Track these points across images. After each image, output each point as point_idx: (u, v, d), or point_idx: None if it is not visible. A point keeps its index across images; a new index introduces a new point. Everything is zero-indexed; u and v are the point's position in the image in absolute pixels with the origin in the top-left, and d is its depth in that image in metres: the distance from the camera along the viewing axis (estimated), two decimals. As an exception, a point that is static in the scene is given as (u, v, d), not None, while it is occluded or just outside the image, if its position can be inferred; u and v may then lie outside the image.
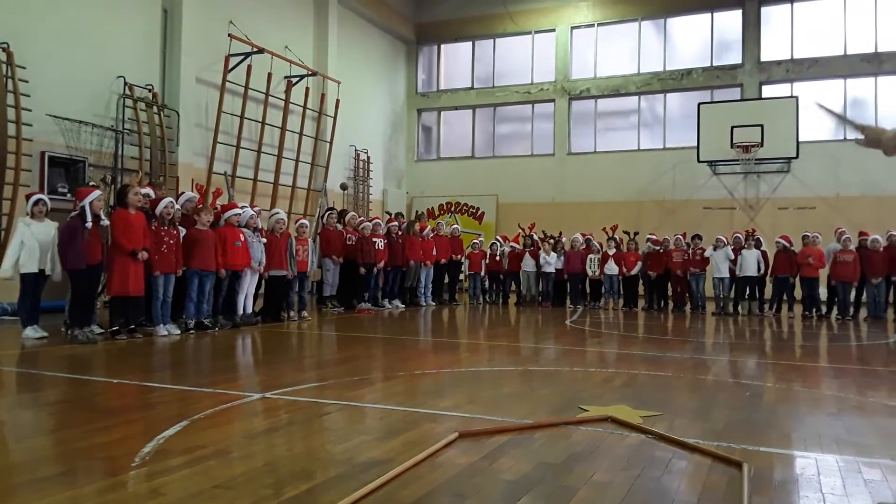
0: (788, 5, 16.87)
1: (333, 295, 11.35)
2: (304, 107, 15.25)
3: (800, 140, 15.30)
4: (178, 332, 7.71)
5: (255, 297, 9.12)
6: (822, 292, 11.87)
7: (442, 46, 20.54)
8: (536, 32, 19.17)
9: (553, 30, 18.96)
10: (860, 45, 16.18)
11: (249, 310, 8.87)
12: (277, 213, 9.67)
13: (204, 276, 8.04)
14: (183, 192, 9.14)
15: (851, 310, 11.50)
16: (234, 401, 4.26)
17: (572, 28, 18.81)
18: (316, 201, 15.56)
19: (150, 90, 12.02)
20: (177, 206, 8.12)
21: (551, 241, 13.71)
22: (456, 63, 20.50)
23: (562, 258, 13.43)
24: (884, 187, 14.75)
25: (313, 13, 16.41)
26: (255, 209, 9.40)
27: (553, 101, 18.95)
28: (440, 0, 19.87)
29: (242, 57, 13.41)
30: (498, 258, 13.94)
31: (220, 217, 8.49)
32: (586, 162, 18.44)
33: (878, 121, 15.71)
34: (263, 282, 9.15)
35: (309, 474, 2.84)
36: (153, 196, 8.00)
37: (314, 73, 15.57)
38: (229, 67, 13.15)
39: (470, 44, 20.03)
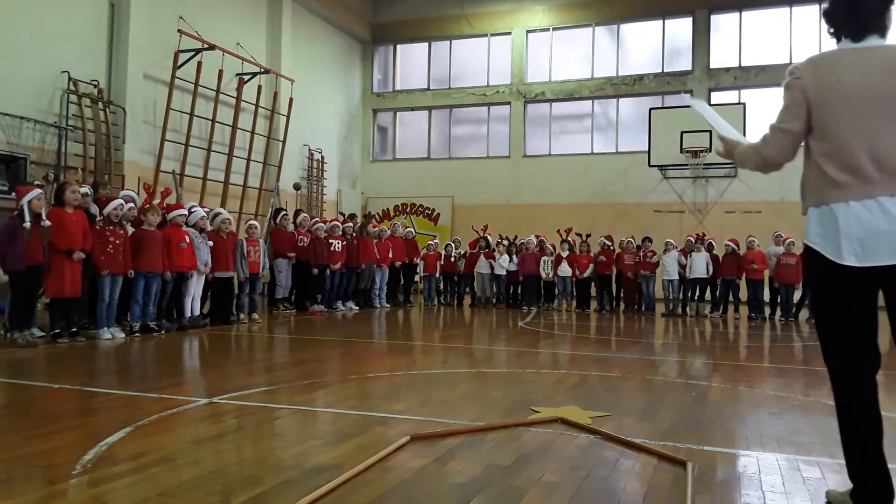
0: (737, 14, 17.36)
1: (286, 297, 11.22)
2: (257, 105, 15.03)
3: (746, 146, 15.73)
4: (123, 335, 7.50)
5: (204, 299, 8.94)
6: (767, 294, 12.24)
7: (398, 47, 20.50)
8: (492, 35, 19.30)
9: (509, 33, 19.11)
10: (805, 53, 16.59)
11: (197, 312, 8.68)
12: (220, 212, 9.47)
13: (150, 278, 7.84)
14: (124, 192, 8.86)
15: (794, 311, 11.89)
16: (180, 406, 4.16)
17: (528, 32, 18.99)
18: (268, 201, 15.34)
19: (95, 86, 11.68)
20: (130, 205, 7.92)
21: (506, 243, 13.81)
22: (412, 64, 20.48)
23: (516, 260, 13.53)
24: (825, 192, 15.26)
25: (266, 10, 16.18)
26: (206, 209, 9.22)
27: (508, 103, 19.10)
28: (396, 0, 19.83)
29: (192, 53, 13.14)
30: (453, 260, 13.97)
31: (165, 217, 8.30)
32: (541, 165, 18.63)
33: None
34: (210, 284, 8.96)
35: (257, 480, 2.79)
36: (91, 195, 7.77)
37: (267, 71, 15.35)
38: (179, 64, 12.87)
39: (426, 45, 20.04)
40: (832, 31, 2.54)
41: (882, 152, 2.32)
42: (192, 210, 8.72)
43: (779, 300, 12.06)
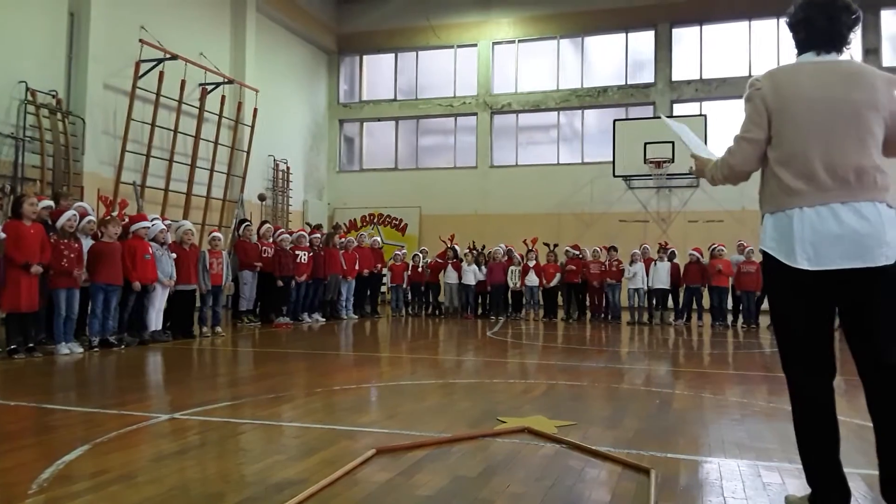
0: (697, 27, 17.74)
1: (250, 309, 11.06)
2: (220, 115, 14.86)
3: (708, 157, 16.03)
4: (81, 350, 7.31)
5: (166, 312, 8.77)
6: (730, 302, 12.47)
7: (364, 57, 20.50)
8: (459, 47, 19.42)
9: (475, 45, 19.26)
10: (764, 66, 17.12)
11: (159, 326, 8.52)
12: (183, 224, 9.33)
13: (110, 291, 7.68)
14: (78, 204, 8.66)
15: (756, 318, 12.13)
16: (140, 422, 4.07)
17: (494, 44, 19.16)
18: (232, 212, 15.15)
19: (54, 96, 11.43)
20: (89, 218, 7.76)
21: (474, 252, 13.85)
22: (379, 74, 20.49)
23: (484, 270, 13.58)
24: (783, 202, 15.62)
25: (230, 20, 16.03)
26: (167, 222, 9.07)
27: (475, 114, 19.22)
28: (362, 11, 19.84)
29: (154, 63, 12.97)
30: (420, 270, 13.96)
31: (128, 229, 8.14)
32: (508, 175, 18.76)
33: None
34: (172, 297, 8.81)
35: (220, 497, 2.74)
36: (54, 207, 7.60)
37: (231, 81, 15.20)
38: (140, 74, 12.69)
39: (393, 55, 20.08)
40: (800, 40, 2.59)
41: (836, 161, 2.39)
42: (153, 223, 8.57)
43: (741, 308, 12.30)
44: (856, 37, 2.60)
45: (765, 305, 12.06)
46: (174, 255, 8.64)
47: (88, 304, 7.62)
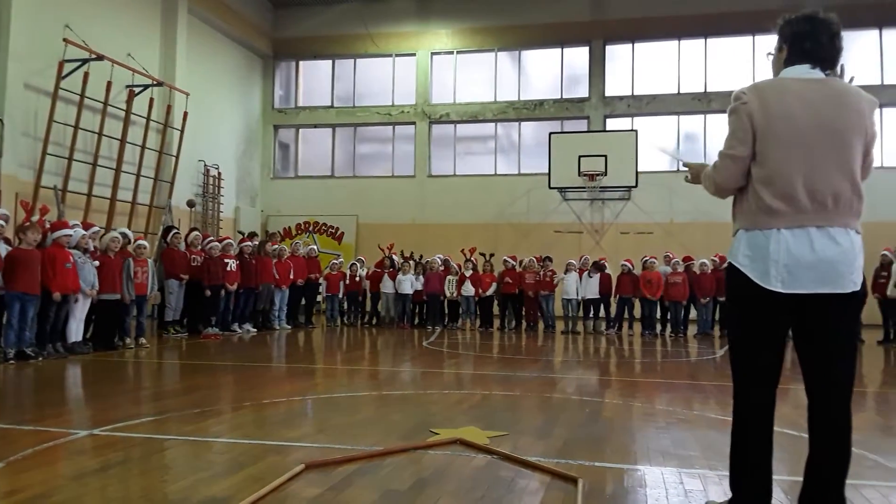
0: (630, 45, 18.29)
1: (177, 319, 10.69)
2: (148, 118, 14.40)
3: (638, 170, 16.54)
4: (-4, 363, 6.93)
5: (87, 323, 8.40)
6: (659, 312, 12.85)
7: (301, 63, 20.26)
8: (397, 56, 19.43)
9: (414, 54, 19.31)
10: (692, 85, 17.87)
11: (79, 337, 8.15)
12: (112, 231, 8.99)
13: (27, 301, 7.30)
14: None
15: (683, 328, 12.55)
16: (58, 438, 3.88)
17: (432, 54, 19.26)
18: (159, 219, 14.67)
19: (-31, 94, 10.85)
20: (1, 223, 7.37)
21: (411, 262, 13.82)
22: (316, 80, 20.29)
23: (421, 279, 13.57)
24: (713, 214, 16.08)
25: (160, 21, 15.55)
26: (92, 230, 8.71)
27: (414, 123, 19.25)
28: (299, 16, 19.61)
29: (79, 63, 12.48)
30: (357, 279, 13.84)
31: (48, 236, 7.77)
32: (446, 184, 18.84)
33: (707, 153, 17.41)
34: (94, 307, 8.45)
35: (137, 519, 2.63)
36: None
37: (160, 84, 14.75)
38: (63, 74, 12.19)
39: (330, 62, 19.92)
40: (801, 50, 2.55)
41: (817, 185, 2.41)
42: (74, 230, 8.20)
43: (668, 317, 12.69)
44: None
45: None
46: (97, 264, 8.30)
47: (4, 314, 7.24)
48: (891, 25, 16.78)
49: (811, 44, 2.54)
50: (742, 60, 17.34)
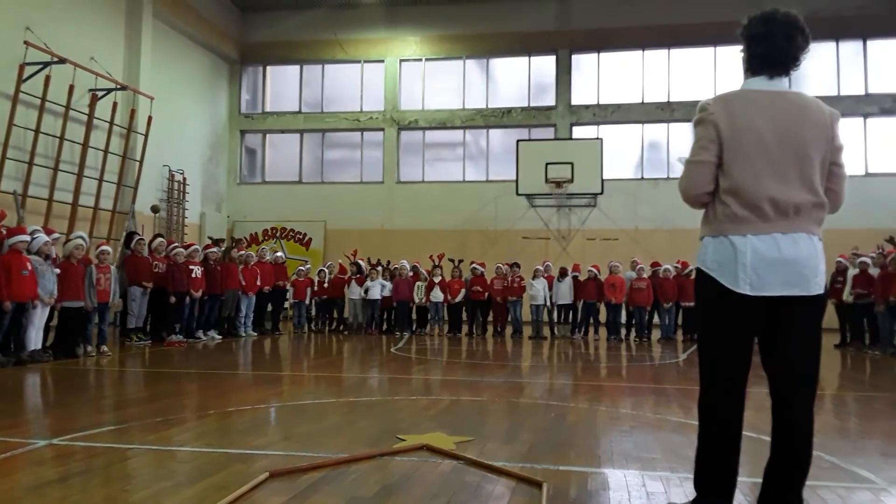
0: (595, 55, 18.55)
1: (140, 327, 10.50)
2: (111, 122, 14.16)
3: (604, 178, 16.76)
4: (-50, 372, 6.74)
5: (46, 330, 8.21)
6: (624, 316, 13.03)
7: (268, 68, 20.11)
8: (366, 62, 19.41)
9: (382, 61, 19.31)
10: (656, 94, 18.19)
11: (38, 345, 7.96)
12: (75, 238, 8.80)
13: (-17, 309, 7.13)
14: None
15: (647, 333, 12.73)
16: (15, 449, 3.80)
17: (401, 61, 19.28)
18: (122, 224, 14.41)
19: (-76, 96, 10.56)
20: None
21: (379, 269, 13.79)
22: (284, 85, 20.15)
23: (389, 286, 13.54)
24: (675, 222, 16.46)
25: (125, 24, 15.29)
26: (54, 236, 8.53)
27: (382, 129, 19.23)
28: (267, 21, 19.48)
29: (40, 66, 12.23)
30: (326, 286, 13.76)
31: (3, 242, 7.58)
32: (415, 191, 18.86)
33: (670, 162, 17.72)
34: (56, 314, 8.27)
35: (97, 530, 2.59)
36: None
37: (123, 88, 14.52)
38: (24, 77, 11.94)
39: (298, 67, 19.81)
40: (755, 55, 2.60)
41: (780, 196, 2.48)
42: (35, 235, 8.03)
43: (633, 322, 12.87)
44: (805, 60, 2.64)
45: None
46: (58, 271, 8.12)
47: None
48: (847, 38, 17.29)
49: (764, 47, 2.58)
50: (704, 71, 17.73)
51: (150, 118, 15.13)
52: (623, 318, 12.97)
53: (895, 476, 3.54)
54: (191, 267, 10.88)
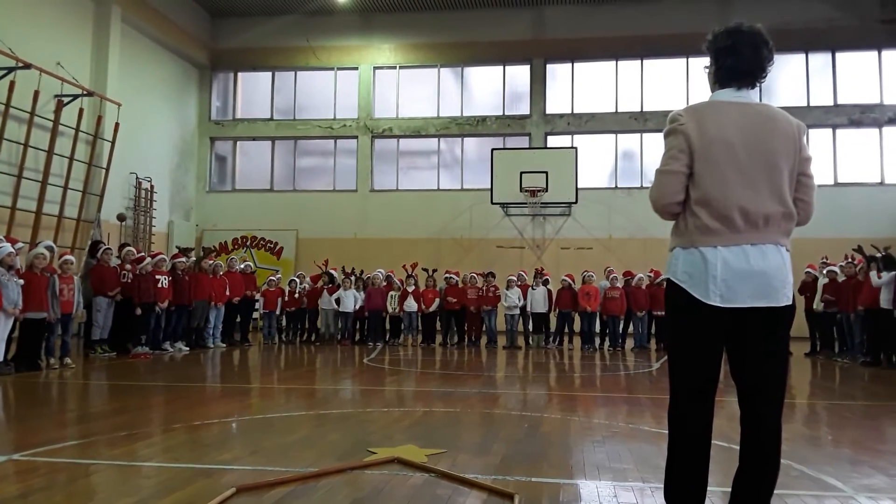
0: (569, 64, 18.69)
1: (104, 338, 10.22)
2: (77, 129, 13.90)
3: (578, 187, 16.85)
4: None
5: (8, 342, 7.98)
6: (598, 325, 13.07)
7: (239, 74, 19.91)
8: (339, 69, 19.33)
9: (356, 68, 19.24)
10: (629, 104, 18.38)
11: (0, 358, 7.72)
12: (37, 247, 8.59)
13: (-59, 320, 6.90)
14: None
15: (620, 342, 12.79)
16: (-30, 466, 3.66)
17: (375, 68, 19.23)
18: (87, 233, 14.11)
19: None
20: None
21: (352, 278, 13.67)
22: (255, 92, 19.96)
23: (362, 296, 13.43)
24: (649, 231, 16.58)
25: (92, 29, 15.04)
26: (18, 246, 8.30)
27: (356, 137, 19.14)
28: (238, 27, 19.29)
29: (4, 72, 11.97)
30: (297, 296, 13.59)
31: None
32: (389, 199, 18.78)
33: (643, 171, 17.90)
34: (17, 326, 8.04)
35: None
36: None
37: (90, 94, 14.25)
38: (-13, 82, 11.68)
39: (270, 74, 19.65)
40: (723, 67, 2.63)
41: (750, 206, 2.49)
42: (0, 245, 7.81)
43: (607, 331, 12.92)
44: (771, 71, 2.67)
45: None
46: (21, 282, 7.90)
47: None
48: (817, 50, 17.67)
49: (732, 59, 2.62)
50: (676, 81, 17.97)
51: (117, 125, 14.87)
52: (597, 328, 13.01)
53: (863, 484, 3.57)
54: (158, 277, 10.67)
